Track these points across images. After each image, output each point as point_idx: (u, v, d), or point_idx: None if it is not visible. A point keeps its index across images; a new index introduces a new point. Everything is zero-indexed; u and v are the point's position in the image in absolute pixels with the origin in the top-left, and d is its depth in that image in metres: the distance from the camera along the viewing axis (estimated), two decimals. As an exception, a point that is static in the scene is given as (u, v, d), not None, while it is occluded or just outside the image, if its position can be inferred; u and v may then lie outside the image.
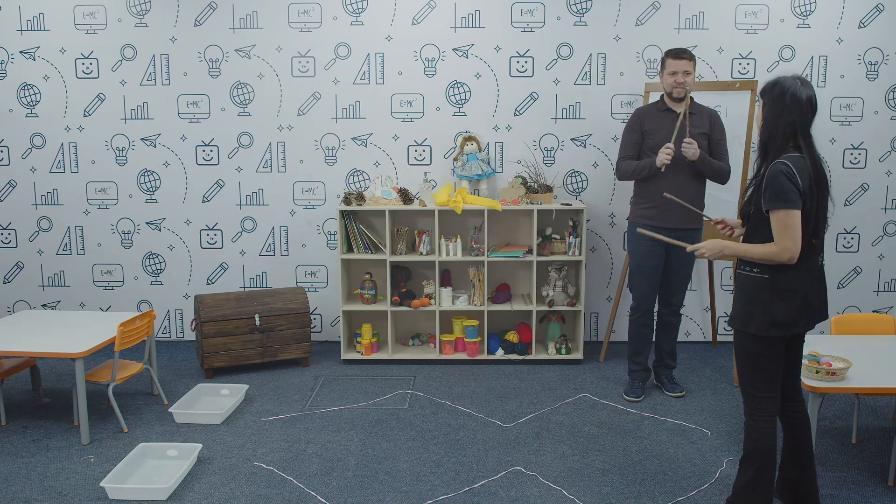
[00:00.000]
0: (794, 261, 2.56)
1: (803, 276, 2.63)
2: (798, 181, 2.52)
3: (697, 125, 4.01)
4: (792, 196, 2.52)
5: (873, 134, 5.01)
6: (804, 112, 2.57)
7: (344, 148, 5.09)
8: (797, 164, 2.54)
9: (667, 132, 3.98)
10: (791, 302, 2.61)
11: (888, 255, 5.17)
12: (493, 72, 4.98)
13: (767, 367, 2.69)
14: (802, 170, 2.54)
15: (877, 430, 3.80)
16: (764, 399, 2.72)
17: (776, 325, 2.61)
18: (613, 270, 5.21)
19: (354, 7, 4.92)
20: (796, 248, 2.54)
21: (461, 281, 5.06)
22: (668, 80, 3.98)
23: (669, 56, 3.98)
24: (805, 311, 2.64)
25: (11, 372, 4.00)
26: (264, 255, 5.25)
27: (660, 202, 3.97)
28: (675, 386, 4.30)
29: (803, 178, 2.54)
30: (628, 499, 3.14)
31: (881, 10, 4.86)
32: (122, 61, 5.02)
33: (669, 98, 4.04)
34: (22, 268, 5.32)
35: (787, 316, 2.61)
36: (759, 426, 2.73)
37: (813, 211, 2.60)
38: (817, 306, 2.69)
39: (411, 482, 3.28)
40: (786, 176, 2.52)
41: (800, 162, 2.55)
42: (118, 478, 3.19)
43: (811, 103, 2.58)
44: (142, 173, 5.16)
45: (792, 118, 2.56)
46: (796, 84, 2.58)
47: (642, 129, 4.09)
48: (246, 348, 4.67)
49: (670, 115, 4.02)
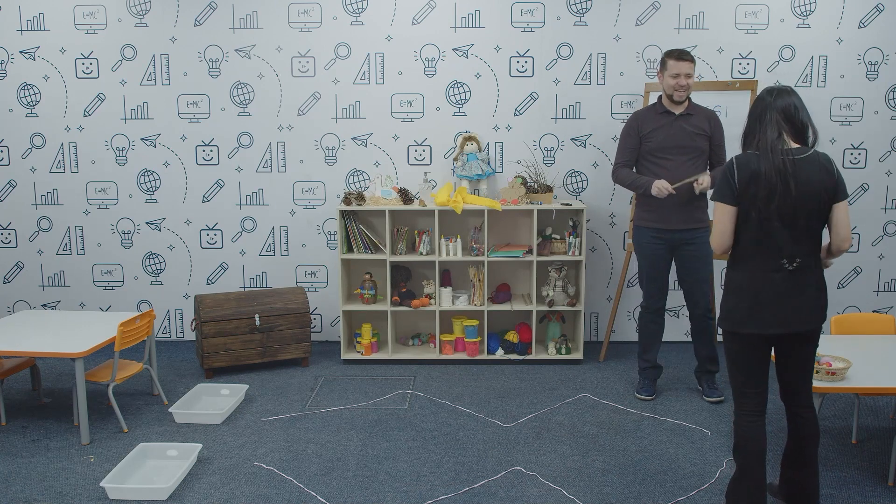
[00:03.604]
0: (720, 254, 2.70)
1: (755, 276, 2.64)
2: (735, 177, 2.57)
3: (696, 126, 3.99)
4: (724, 191, 2.62)
5: (873, 134, 5.01)
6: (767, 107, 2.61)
7: (344, 148, 5.09)
8: (743, 161, 2.59)
9: (665, 136, 3.96)
10: (739, 299, 2.67)
11: (888, 255, 5.17)
12: (493, 72, 4.98)
13: (742, 365, 2.75)
14: (744, 165, 2.57)
15: (877, 430, 3.80)
16: (743, 395, 2.77)
17: (728, 319, 2.70)
18: (613, 270, 5.21)
19: (354, 7, 4.92)
20: (719, 240, 2.66)
21: (461, 281, 5.06)
22: (669, 81, 3.93)
23: (671, 58, 3.92)
24: (755, 312, 2.63)
25: (11, 372, 4.00)
26: (264, 255, 5.25)
27: (662, 205, 3.96)
28: (714, 391, 4.18)
29: (742, 172, 2.56)
30: (628, 499, 3.14)
31: (881, 10, 4.86)
32: (122, 61, 5.02)
33: (669, 100, 4.00)
34: (22, 268, 5.32)
35: (737, 313, 2.67)
36: (740, 421, 2.79)
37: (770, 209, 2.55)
38: (776, 311, 2.62)
39: (411, 482, 3.28)
40: (727, 171, 2.62)
41: (750, 159, 2.58)
42: (118, 478, 3.19)
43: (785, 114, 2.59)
44: (142, 173, 5.16)
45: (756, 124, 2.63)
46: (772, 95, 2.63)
47: (640, 133, 4.05)
48: (246, 348, 4.67)
49: (668, 118, 4.00)
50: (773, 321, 2.64)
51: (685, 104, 4.01)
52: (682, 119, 3.99)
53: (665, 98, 4.02)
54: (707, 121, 4.02)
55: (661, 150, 3.99)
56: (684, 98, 3.96)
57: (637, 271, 5.15)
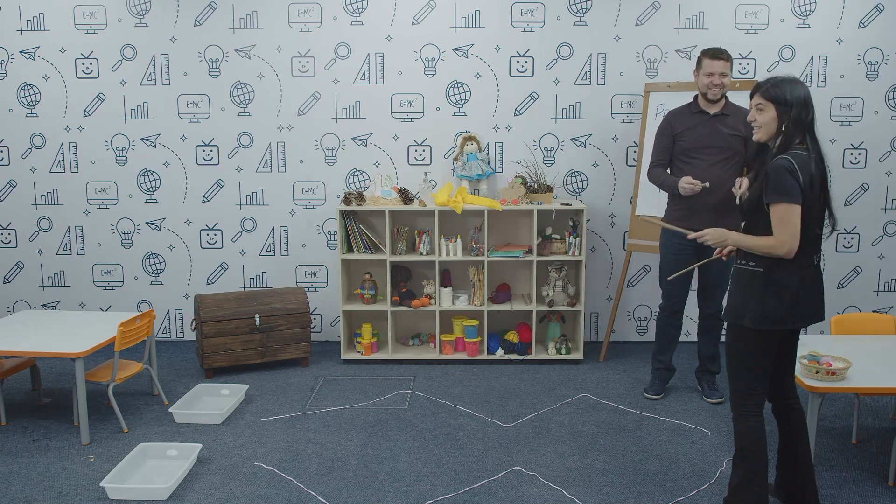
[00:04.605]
0: (792, 255, 2.59)
1: (797, 273, 2.66)
2: (799, 177, 2.55)
3: (732, 127, 3.90)
4: (793, 191, 2.55)
5: (873, 134, 5.01)
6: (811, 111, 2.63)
7: (344, 148, 5.09)
8: (799, 161, 2.57)
9: (698, 135, 3.89)
10: (782, 297, 2.65)
11: (888, 255, 5.17)
12: (493, 72, 4.97)
13: (756, 363, 2.74)
14: (804, 166, 2.57)
15: (877, 430, 3.80)
16: (751, 395, 2.76)
17: (767, 318, 2.66)
18: (613, 270, 5.21)
19: (354, 7, 4.92)
20: (794, 242, 2.57)
21: (461, 281, 5.06)
22: (704, 80, 3.86)
23: (706, 56, 3.86)
24: (796, 308, 2.66)
25: (11, 372, 4.00)
26: (264, 255, 5.25)
27: (694, 208, 3.89)
28: (714, 392, 4.18)
29: (804, 174, 2.56)
30: (628, 499, 3.14)
31: (881, 10, 4.86)
32: (122, 61, 5.02)
33: (704, 99, 3.93)
34: (22, 268, 5.32)
35: (778, 311, 2.65)
36: (747, 422, 2.78)
37: (813, 208, 2.62)
38: (810, 306, 2.69)
39: (411, 482, 3.28)
40: (787, 171, 2.55)
41: (802, 158, 2.58)
42: (118, 478, 3.19)
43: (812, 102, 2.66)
44: (142, 173, 5.16)
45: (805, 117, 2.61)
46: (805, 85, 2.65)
47: (673, 133, 3.99)
48: (246, 348, 4.67)
49: (702, 117, 3.93)
50: (808, 315, 2.70)
51: (721, 103, 3.93)
52: (717, 119, 3.91)
53: (700, 97, 3.96)
54: (744, 122, 3.83)
55: (694, 150, 3.93)
56: (719, 97, 3.89)
57: (638, 271, 5.20)
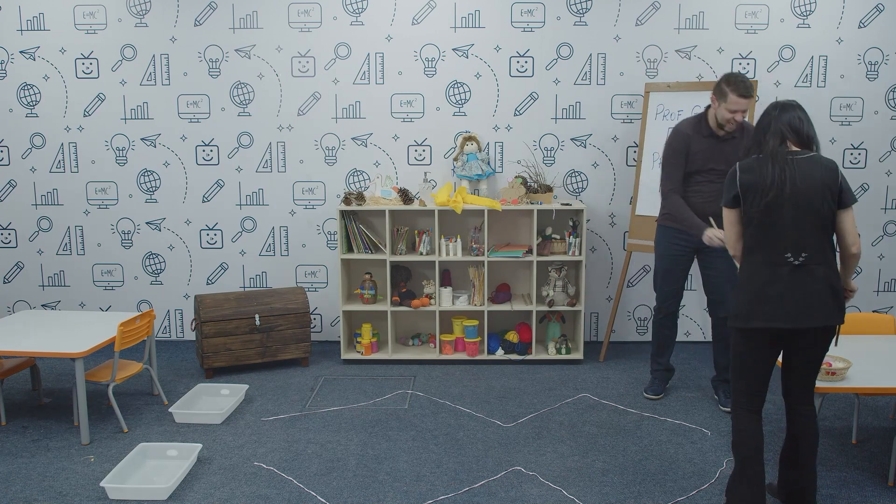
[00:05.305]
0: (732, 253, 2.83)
1: (758, 270, 2.69)
2: (737, 181, 2.69)
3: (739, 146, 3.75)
4: (727, 195, 2.76)
5: (873, 134, 5.01)
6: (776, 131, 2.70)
7: (344, 148, 5.09)
8: (745, 165, 2.71)
9: (706, 158, 3.82)
10: (745, 292, 2.71)
11: (888, 255, 5.17)
12: (493, 72, 4.98)
13: (745, 363, 2.79)
14: (751, 169, 2.67)
15: (877, 430, 3.80)
16: (742, 393, 2.82)
17: (734, 316, 2.74)
18: (613, 270, 5.21)
19: (354, 7, 4.92)
20: (729, 240, 2.82)
21: (461, 281, 5.06)
22: (725, 114, 3.70)
23: (734, 92, 3.62)
24: (761, 305, 2.66)
25: (11, 372, 4.00)
26: (264, 255, 5.25)
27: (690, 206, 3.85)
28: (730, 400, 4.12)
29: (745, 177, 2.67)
30: (628, 499, 3.14)
31: (881, 10, 4.86)
32: (122, 61, 5.02)
33: (717, 125, 3.81)
34: (22, 268, 5.32)
35: (742, 307, 2.71)
36: (738, 419, 2.84)
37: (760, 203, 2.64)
38: (781, 303, 2.63)
39: (411, 482, 3.28)
40: (730, 175, 2.75)
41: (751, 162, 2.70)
42: (118, 478, 3.19)
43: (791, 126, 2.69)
44: (142, 173, 5.16)
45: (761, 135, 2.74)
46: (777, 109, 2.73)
47: (688, 152, 3.86)
48: (246, 348, 4.67)
49: (713, 141, 3.83)
50: (777, 315, 2.64)
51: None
52: (725, 142, 3.84)
53: (713, 121, 3.82)
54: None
55: (701, 172, 3.86)
56: (733, 130, 3.79)
57: (638, 271, 5.20)
